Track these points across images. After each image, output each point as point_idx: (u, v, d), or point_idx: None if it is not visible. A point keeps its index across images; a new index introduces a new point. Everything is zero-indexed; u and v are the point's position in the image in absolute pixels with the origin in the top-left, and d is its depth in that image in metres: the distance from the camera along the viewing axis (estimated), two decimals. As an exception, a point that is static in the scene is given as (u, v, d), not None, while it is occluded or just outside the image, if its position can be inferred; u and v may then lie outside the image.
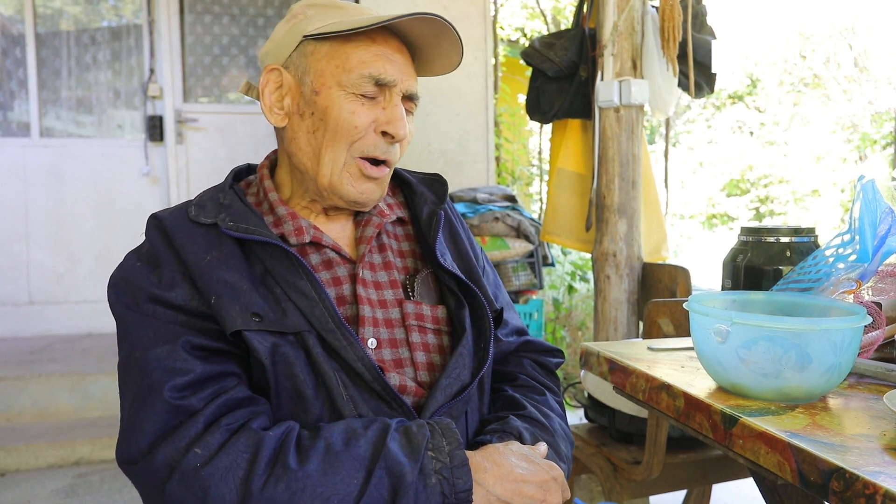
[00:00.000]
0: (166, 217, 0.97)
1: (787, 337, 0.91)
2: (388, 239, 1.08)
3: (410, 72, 1.01)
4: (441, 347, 1.02)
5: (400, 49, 1.00)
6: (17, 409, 3.25)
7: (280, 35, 1.01)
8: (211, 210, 0.97)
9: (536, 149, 5.16)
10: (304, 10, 1.01)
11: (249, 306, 0.88)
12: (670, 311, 1.84)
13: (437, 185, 1.14)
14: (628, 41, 2.60)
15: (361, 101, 0.97)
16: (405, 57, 1.00)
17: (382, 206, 1.09)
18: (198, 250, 0.92)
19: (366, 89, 0.96)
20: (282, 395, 0.89)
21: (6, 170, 4.18)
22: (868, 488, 0.69)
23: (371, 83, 0.96)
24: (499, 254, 3.16)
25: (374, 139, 0.98)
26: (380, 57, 0.97)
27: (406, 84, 1.00)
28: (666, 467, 1.81)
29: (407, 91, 1.00)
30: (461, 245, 1.14)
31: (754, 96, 12.64)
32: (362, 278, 1.00)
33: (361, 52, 0.96)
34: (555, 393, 1.17)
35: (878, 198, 1.14)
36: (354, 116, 0.96)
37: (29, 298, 4.25)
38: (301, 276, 0.92)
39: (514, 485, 0.88)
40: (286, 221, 1.00)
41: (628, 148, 2.62)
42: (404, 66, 1.00)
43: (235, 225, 0.94)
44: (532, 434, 1.01)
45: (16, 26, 4.24)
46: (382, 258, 1.05)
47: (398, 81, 0.98)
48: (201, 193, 1.02)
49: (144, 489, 0.84)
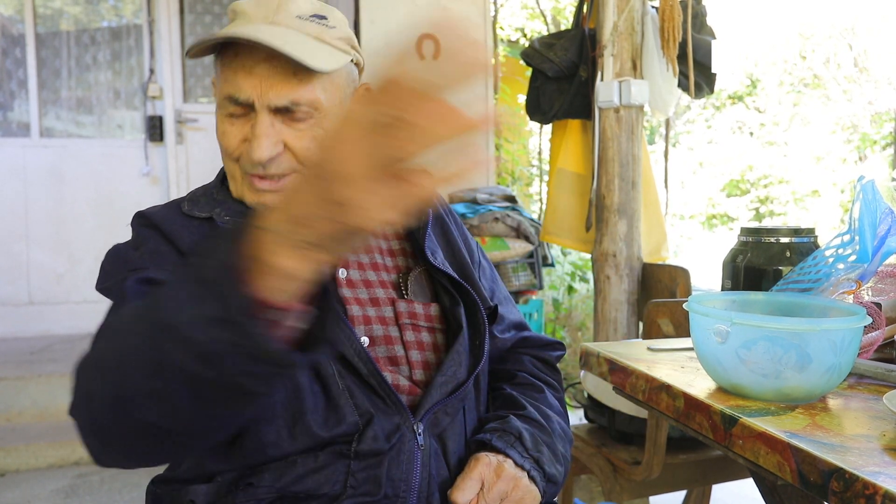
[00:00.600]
0: (154, 213, 0.98)
1: (787, 337, 0.91)
2: (374, 239, 1.07)
3: (281, 81, 0.91)
4: (436, 346, 1.02)
5: (269, 57, 0.90)
6: (17, 410, 3.25)
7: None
8: (205, 205, 0.98)
9: (536, 149, 5.16)
10: (232, 10, 0.99)
11: None
12: (670, 312, 1.84)
13: None
14: (628, 41, 2.60)
15: (230, 120, 0.95)
16: (273, 65, 0.91)
17: None
18: (192, 237, 0.93)
19: (229, 109, 0.94)
20: None
21: (6, 170, 4.18)
22: (868, 489, 0.69)
23: (231, 103, 0.93)
24: (498, 254, 3.16)
25: (248, 157, 0.94)
26: (238, 73, 0.92)
27: (269, 98, 0.91)
28: (666, 468, 1.81)
29: (273, 104, 0.91)
30: (453, 241, 1.13)
31: (754, 97, 12.64)
32: (349, 279, 1.00)
33: (225, 70, 0.93)
34: (555, 389, 1.16)
35: (877, 198, 1.14)
36: (224, 137, 0.96)
37: (29, 298, 4.25)
38: None
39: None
40: None
41: (628, 148, 2.62)
42: (269, 77, 0.91)
43: (232, 220, 0.94)
44: (532, 435, 1.01)
45: (16, 26, 4.24)
46: (370, 258, 1.05)
47: (254, 98, 0.91)
48: (193, 191, 1.04)
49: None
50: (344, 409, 0.89)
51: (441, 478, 0.95)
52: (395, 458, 0.91)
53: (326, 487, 0.89)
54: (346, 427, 0.89)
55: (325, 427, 0.89)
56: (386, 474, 0.90)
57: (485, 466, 0.95)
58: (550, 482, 1.00)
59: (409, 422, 0.93)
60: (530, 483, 0.97)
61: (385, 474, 0.90)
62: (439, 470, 0.95)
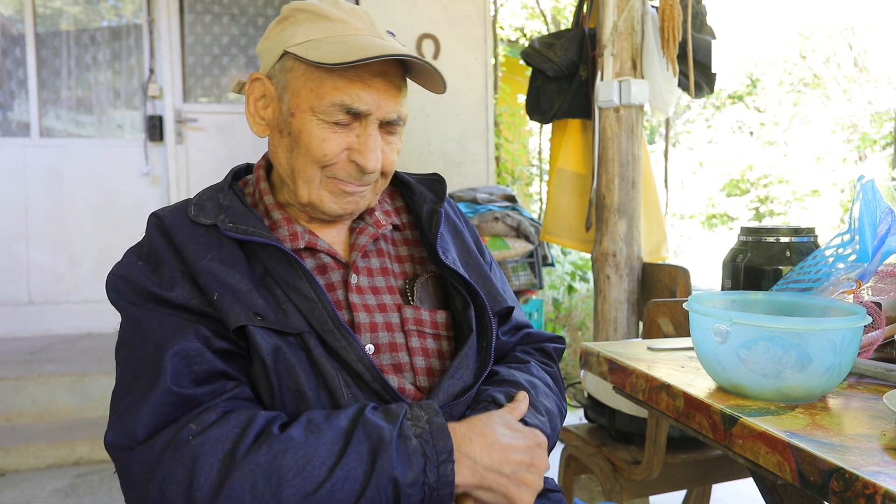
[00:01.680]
0: (167, 216, 0.97)
1: (787, 337, 0.91)
2: (385, 245, 1.07)
3: (392, 96, 0.95)
4: (440, 352, 1.02)
5: (383, 71, 0.94)
6: (16, 410, 3.25)
7: (272, 36, 0.99)
8: (211, 210, 0.97)
9: (536, 149, 5.16)
10: (295, 13, 0.98)
11: (251, 306, 0.88)
12: (670, 312, 1.84)
13: (435, 184, 1.13)
14: (628, 41, 2.60)
15: (333, 128, 0.94)
16: (387, 79, 0.95)
17: (379, 215, 1.08)
18: (198, 249, 0.92)
19: (337, 118, 0.93)
20: (284, 394, 0.89)
21: (6, 170, 4.18)
22: (868, 488, 0.69)
23: (342, 112, 0.93)
24: (499, 254, 3.16)
25: (346, 167, 0.96)
26: (355, 83, 0.92)
27: (384, 111, 0.95)
28: (666, 467, 1.81)
29: (385, 118, 0.95)
30: (466, 243, 1.14)
31: (754, 96, 12.64)
32: (358, 285, 1.00)
33: (336, 78, 0.92)
34: (546, 364, 1.15)
35: (877, 198, 1.14)
36: (325, 144, 0.94)
37: (29, 298, 4.25)
38: (300, 276, 0.92)
39: (501, 453, 0.87)
40: (281, 226, 0.99)
41: (628, 148, 2.62)
42: (384, 90, 0.94)
43: (235, 226, 0.93)
44: (505, 394, 1.00)
45: (15, 26, 4.24)
46: (380, 263, 1.05)
47: (373, 110, 0.94)
48: (201, 192, 1.02)
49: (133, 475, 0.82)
50: None
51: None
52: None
53: None
54: None
55: None
56: None
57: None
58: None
59: None
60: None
61: None
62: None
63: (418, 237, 1.11)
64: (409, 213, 1.13)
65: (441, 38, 3.68)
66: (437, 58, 3.69)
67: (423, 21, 3.66)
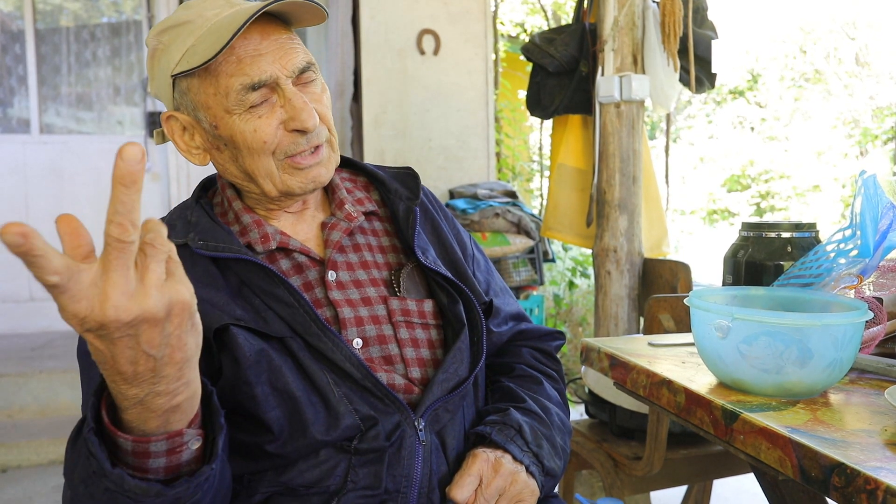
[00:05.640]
0: None
1: (789, 332, 0.91)
2: (363, 237, 1.06)
3: (284, 49, 0.92)
4: (431, 342, 1.02)
5: (263, 31, 0.91)
6: (18, 406, 3.26)
7: (154, 73, 0.97)
8: (181, 230, 0.95)
9: (537, 144, 5.15)
10: (158, 39, 0.95)
11: (231, 315, 0.88)
12: (671, 307, 1.84)
13: (409, 179, 1.10)
14: (629, 36, 2.59)
15: (256, 113, 0.91)
16: (270, 37, 0.91)
17: (349, 207, 1.05)
18: None
19: (251, 99, 0.90)
20: (271, 396, 0.88)
21: (6, 166, 4.18)
22: (869, 484, 0.69)
23: (250, 91, 0.90)
24: (499, 249, 3.16)
25: (290, 139, 0.93)
26: (244, 60, 0.89)
27: (288, 65, 0.91)
28: (667, 463, 1.81)
29: (293, 71, 0.92)
30: (444, 237, 1.11)
31: (755, 91, 12.61)
32: (338, 281, 0.99)
33: (226, 67, 0.90)
34: (554, 380, 1.16)
35: (879, 193, 1.14)
36: (258, 133, 0.92)
37: (30, 295, 4.25)
38: (277, 284, 0.91)
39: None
40: (252, 230, 0.98)
41: (629, 143, 2.61)
42: (275, 48, 0.91)
43: (205, 244, 0.92)
44: (532, 428, 1.00)
45: (15, 23, 4.23)
46: (359, 257, 1.03)
47: (277, 71, 0.90)
48: (171, 212, 1.01)
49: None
50: (344, 415, 0.89)
51: (441, 473, 0.95)
52: (395, 454, 0.91)
53: (327, 482, 0.90)
54: (347, 430, 0.90)
55: (327, 433, 0.89)
56: (387, 470, 0.91)
57: (483, 462, 0.94)
58: (549, 476, 1.00)
59: (410, 419, 0.93)
60: (528, 477, 0.96)
61: (386, 470, 0.91)
62: (439, 465, 0.95)
63: (397, 229, 1.09)
64: (386, 207, 1.11)
65: (441, 33, 3.67)
66: (437, 53, 3.68)
67: (423, 16, 3.64)
